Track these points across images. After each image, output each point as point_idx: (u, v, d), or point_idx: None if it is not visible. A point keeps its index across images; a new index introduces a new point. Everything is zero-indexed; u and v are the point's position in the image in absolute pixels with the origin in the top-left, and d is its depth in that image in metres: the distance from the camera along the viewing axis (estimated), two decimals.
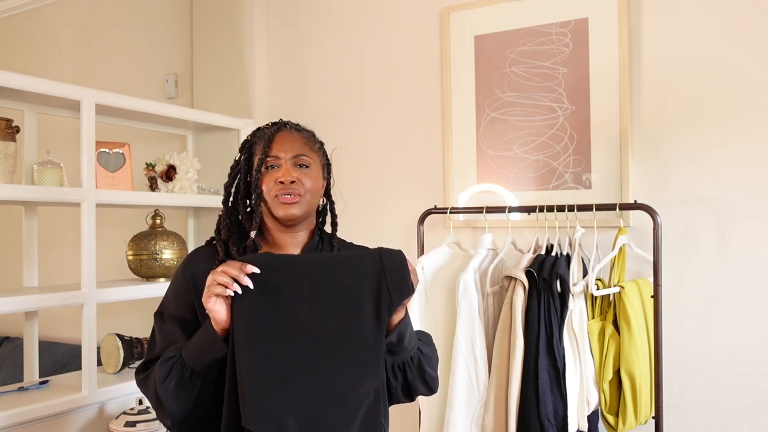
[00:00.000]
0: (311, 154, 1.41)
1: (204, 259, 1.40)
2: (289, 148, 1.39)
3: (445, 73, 2.44)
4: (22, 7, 3.65)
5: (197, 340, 1.26)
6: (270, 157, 1.38)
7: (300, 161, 1.39)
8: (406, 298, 1.26)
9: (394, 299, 1.25)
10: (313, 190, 1.39)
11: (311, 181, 1.38)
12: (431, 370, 1.39)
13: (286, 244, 1.42)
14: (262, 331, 1.20)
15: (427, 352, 1.39)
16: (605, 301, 2.00)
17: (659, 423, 1.93)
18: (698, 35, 2.04)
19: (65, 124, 2.44)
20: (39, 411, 1.95)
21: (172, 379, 1.24)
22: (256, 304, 1.20)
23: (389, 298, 1.25)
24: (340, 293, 1.24)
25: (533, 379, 1.86)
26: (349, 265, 1.26)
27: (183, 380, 1.24)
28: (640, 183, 2.11)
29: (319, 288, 1.23)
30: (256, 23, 2.81)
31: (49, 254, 3.10)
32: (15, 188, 1.98)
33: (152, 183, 2.50)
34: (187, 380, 1.24)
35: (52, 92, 2.06)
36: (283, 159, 1.38)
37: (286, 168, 1.37)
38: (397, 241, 2.53)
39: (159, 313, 1.39)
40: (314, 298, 1.23)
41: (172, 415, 1.26)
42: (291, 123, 1.46)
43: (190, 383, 1.24)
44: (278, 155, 1.38)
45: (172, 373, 1.24)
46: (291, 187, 1.35)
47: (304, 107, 2.77)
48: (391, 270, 1.25)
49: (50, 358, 3.06)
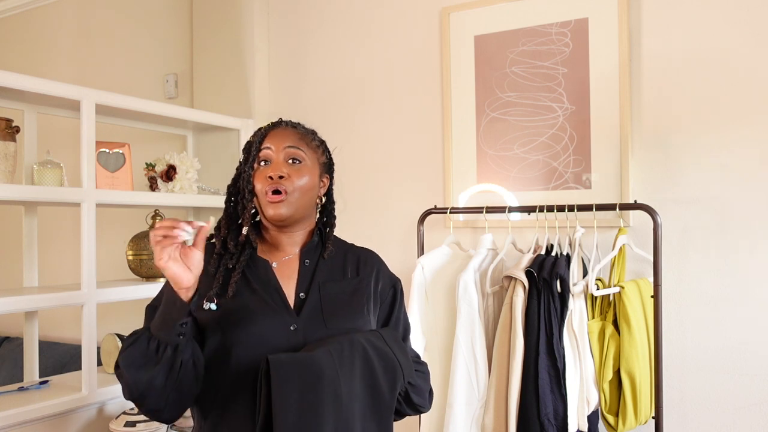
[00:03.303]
0: (305, 149, 1.39)
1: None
2: (281, 140, 1.38)
3: (445, 73, 2.43)
4: (22, 7, 3.65)
5: (161, 307, 1.21)
6: (262, 149, 1.37)
7: (292, 154, 1.37)
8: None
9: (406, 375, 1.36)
10: (303, 188, 1.36)
11: (302, 177, 1.36)
12: (420, 399, 1.44)
13: (284, 243, 1.42)
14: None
15: (418, 384, 1.42)
16: (605, 301, 2.00)
17: (659, 423, 1.93)
18: (698, 35, 2.04)
19: (65, 124, 2.44)
20: (39, 411, 1.95)
21: (137, 347, 1.20)
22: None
23: (403, 377, 1.35)
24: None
25: (533, 379, 1.86)
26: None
27: (149, 351, 1.20)
28: (640, 183, 2.11)
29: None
30: (256, 23, 2.81)
31: (49, 254, 3.10)
32: (15, 188, 1.97)
33: (152, 183, 2.49)
34: (153, 351, 1.20)
35: (52, 92, 2.05)
36: (274, 151, 1.36)
37: (277, 162, 1.36)
38: (397, 241, 2.53)
39: (152, 307, 1.36)
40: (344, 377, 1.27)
41: (137, 383, 1.21)
42: (290, 121, 1.45)
43: (156, 354, 1.20)
44: (270, 146, 1.37)
45: (139, 341, 1.21)
46: (279, 183, 1.33)
47: (304, 107, 2.77)
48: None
49: (50, 358, 3.06)
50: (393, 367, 1.33)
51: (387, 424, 1.33)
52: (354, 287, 1.42)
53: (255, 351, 1.27)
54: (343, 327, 1.34)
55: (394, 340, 1.39)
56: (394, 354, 1.34)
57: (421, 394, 1.44)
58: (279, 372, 1.19)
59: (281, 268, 1.40)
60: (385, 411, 1.32)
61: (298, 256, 1.42)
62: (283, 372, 1.19)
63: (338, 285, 1.40)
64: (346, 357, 1.26)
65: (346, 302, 1.39)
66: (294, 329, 1.31)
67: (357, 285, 1.42)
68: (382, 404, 1.32)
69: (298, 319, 1.33)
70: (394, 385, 1.33)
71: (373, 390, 1.30)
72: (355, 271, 1.45)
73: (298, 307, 1.36)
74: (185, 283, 1.18)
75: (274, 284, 1.36)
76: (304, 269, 1.41)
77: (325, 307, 1.36)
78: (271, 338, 1.29)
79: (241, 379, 1.27)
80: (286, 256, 1.42)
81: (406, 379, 1.36)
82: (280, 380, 1.19)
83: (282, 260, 1.41)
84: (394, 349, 1.36)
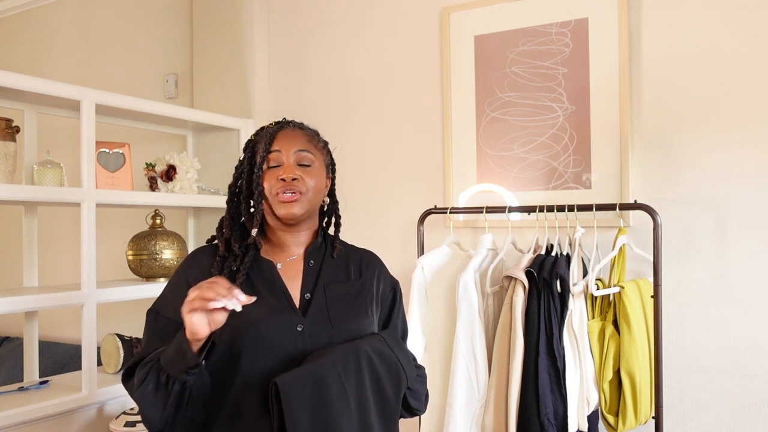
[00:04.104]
0: (314, 152, 1.40)
1: (205, 257, 1.40)
2: (291, 143, 1.38)
3: (445, 73, 2.43)
4: (22, 7, 3.65)
5: (173, 347, 1.22)
6: (272, 152, 1.37)
7: (302, 158, 1.38)
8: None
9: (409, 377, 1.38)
10: (315, 189, 1.38)
11: (313, 179, 1.37)
12: (416, 402, 1.45)
13: (289, 243, 1.42)
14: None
15: (415, 388, 1.43)
16: (605, 301, 2.00)
17: (659, 423, 1.93)
18: (698, 35, 2.04)
19: (65, 124, 2.44)
20: (39, 411, 1.95)
21: (149, 382, 1.22)
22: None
23: (406, 380, 1.36)
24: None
25: (533, 379, 1.86)
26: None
27: (159, 385, 1.22)
28: (640, 183, 2.11)
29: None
30: (256, 23, 2.81)
31: (49, 254, 3.10)
32: (15, 188, 1.98)
33: (152, 183, 2.49)
34: (163, 385, 1.21)
35: (52, 92, 2.06)
36: (284, 154, 1.37)
37: (288, 165, 1.36)
38: (397, 241, 2.53)
39: (153, 312, 1.37)
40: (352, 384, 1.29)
41: (151, 421, 1.25)
42: (294, 121, 1.45)
43: (166, 389, 1.21)
44: (280, 150, 1.37)
45: (150, 376, 1.23)
46: (292, 185, 1.34)
47: (305, 107, 2.77)
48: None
49: (50, 358, 3.06)
50: (397, 372, 1.35)
51: (394, 427, 1.36)
52: (358, 288, 1.42)
53: (263, 352, 1.28)
54: (349, 328, 1.35)
55: (396, 344, 1.40)
56: (397, 358, 1.36)
57: (419, 398, 1.45)
58: (288, 394, 1.20)
59: (286, 268, 1.40)
60: (391, 415, 1.34)
61: (302, 256, 1.42)
62: (292, 394, 1.21)
63: (343, 286, 1.41)
64: (351, 367, 1.27)
65: (351, 303, 1.39)
66: (300, 330, 1.32)
67: (361, 286, 1.43)
68: (389, 408, 1.33)
69: (305, 320, 1.33)
70: (399, 389, 1.35)
71: (380, 396, 1.32)
72: (358, 272, 1.45)
73: (303, 307, 1.36)
74: (201, 335, 1.17)
75: (280, 285, 1.37)
76: (308, 270, 1.41)
77: (330, 307, 1.36)
78: (278, 339, 1.30)
79: (250, 381, 1.27)
80: (290, 256, 1.42)
81: (408, 381, 1.37)
82: (290, 402, 1.20)
83: (286, 261, 1.41)
84: (397, 353, 1.37)
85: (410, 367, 1.39)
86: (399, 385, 1.35)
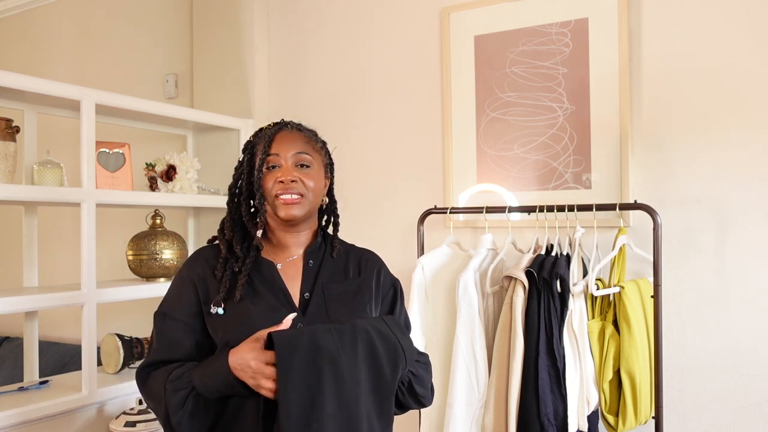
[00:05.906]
0: (313, 153, 1.41)
1: (206, 257, 1.41)
2: (289, 146, 1.39)
3: (445, 73, 2.44)
4: (22, 7, 3.65)
5: (211, 372, 1.26)
6: (271, 155, 1.38)
7: (301, 160, 1.39)
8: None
9: (408, 360, 1.35)
10: (314, 189, 1.39)
11: (312, 180, 1.39)
12: (422, 389, 1.42)
13: (289, 244, 1.43)
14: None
15: (420, 374, 1.41)
16: (605, 301, 2.00)
17: (659, 423, 1.93)
18: (698, 35, 2.04)
19: (65, 124, 2.44)
20: (39, 411, 1.95)
21: (186, 410, 1.26)
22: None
23: (405, 360, 1.34)
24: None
25: (533, 379, 1.86)
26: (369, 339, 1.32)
27: (197, 409, 1.27)
28: (640, 183, 2.11)
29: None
30: (256, 23, 2.81)
31: (49, 254, 3.10)
32: (15, 188, 1.98)
33: (152, 183, 2.49)
34: (202, 409, 1.27)
35: (52, 92, 2.06)
36: (283, 157, 1.38)
37: (287, 167, 1.37)
38: (397, 241, 2.53)
39: (161, 314, 1.38)
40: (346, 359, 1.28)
41: (171, 425, 1.28)
42: (292, 122, 1.46)
43: (206, 411, 1.27)
44: (279, 153, 1.38)
45: (187, 403, 1.26)
46: (292, 186, 1.35)
47: (304, 107, 2.77)
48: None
49: (50, 358, 3.06)
50: (395, 349, 1.33)
51: (388, 405, 1.33)
52: (357, 287, 1.43)
53: None
54: None
55: (396, 326, 1.38)
56: (396, 338, 1.34)
57: (424, 385, 1.43)
58: (282, 345, 1.21)
59: (286, 268, 1.42)
60: (386, 392, 1.32)
61: (302, 257, 1.44)
62: (286, 344, 1.21)
63: (341, 285, 1.42)
64: (347, 335, 1.27)
65: (349, 301, 1.40)
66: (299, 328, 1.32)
67: (359, 285, 1.44)
68: (384, 384, 1.31)
69: (304, 319, 1.34)
70: (396, 366, 1.32)
71: (376, 369, 1.30)
72: (357, 271, 1.46)
73: (302, 306, 1.37)
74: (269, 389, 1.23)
75: (280, 285, 1.38)
76: (308, 270, 1.42)
77: (329, 306, 1.37)
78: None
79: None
80: (290, 257, 1.43)
81: (408, 362, 1.35)
82: (283, 354, 1.20)
83: (287, 261, 1.43)
84: (396, 333, 1.35)
85: (410, 348, 1.37)
86: (396, 362, 1.32)
